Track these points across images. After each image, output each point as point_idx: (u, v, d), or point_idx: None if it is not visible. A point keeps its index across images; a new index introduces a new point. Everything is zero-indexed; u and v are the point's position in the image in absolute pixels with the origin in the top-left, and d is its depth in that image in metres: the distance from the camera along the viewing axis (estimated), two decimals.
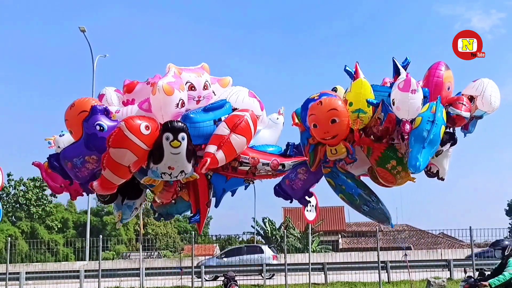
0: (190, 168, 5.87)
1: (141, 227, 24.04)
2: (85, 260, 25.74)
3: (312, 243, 34.04)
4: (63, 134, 6.69)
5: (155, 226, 44.48)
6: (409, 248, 30.70)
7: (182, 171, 5.84)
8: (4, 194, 40.96)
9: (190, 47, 70.79)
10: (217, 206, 6.88)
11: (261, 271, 19.04)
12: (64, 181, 6.70)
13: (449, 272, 18.61)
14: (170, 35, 76.38)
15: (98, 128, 5.76)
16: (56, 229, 42.64)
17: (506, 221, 55.76)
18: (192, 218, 6.77)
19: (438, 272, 19.24)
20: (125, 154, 5.55)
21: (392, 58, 6.88)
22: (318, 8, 77.80)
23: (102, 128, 5.76)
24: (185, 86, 5.87)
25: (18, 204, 42.29)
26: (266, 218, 42.18)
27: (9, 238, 21.29)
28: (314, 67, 75.65)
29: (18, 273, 18.77)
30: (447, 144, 6.66)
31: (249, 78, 62.77)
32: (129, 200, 6.79)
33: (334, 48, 76.92)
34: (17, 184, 42.68)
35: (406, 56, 6.91)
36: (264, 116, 6.68)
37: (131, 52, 72.53)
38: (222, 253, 22.87)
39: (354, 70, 6.80)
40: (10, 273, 18.26)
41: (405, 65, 6.80)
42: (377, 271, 17.78)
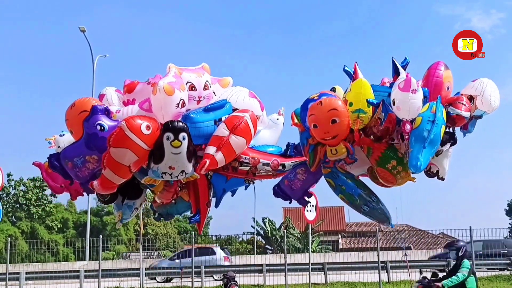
0: (191, 168, 5.87)
1: (141, 227, 24.06)
2: (85, 260, 25.77)
3: (312, 243, 34.05)
4: (64, 134, 6.69)
5: (155, 226, 44.48)
6: (409, 248, 30.78)
7: (183, 171, 5.84)
8: (4, 194, 40.96)
9: (190, 47, 70.84)
10: (217, 206, 6.88)
11: (261, 271, 19.06)
12: (65, 181, 6.70)
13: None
14: (170, 35, 76.46)
15: (99, 128, 5.76)
16: (56, 229, 42.65)
17: (506, 221, 55.92)
18: (192, 218, 6.77)
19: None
20: (126, 154, 5.56)
21: (392, 58, 6.88)
22: (318, 8, 77.88)
23: (103, 128, 5.76)
24: (186, 86, 5.87)
25: (18, 204, 42.29)
26: (266, 218, 42.26)
27: (9, 238, 21.31)
28: (314, 67, 75.73)
29: (18, 273, 18.75)
30: (447, 144, 6.65)
31: (249, 78, 62.88)
32: (129, 200, 6.79)
33: (334, 48, 76.99)
34: (17, 184, 42.68)
35: (405, 56, 6.92)
36: (264, 117, 6.67)
37: (131, 52, 72.61)
38: (174, 255, 23.12)
39: (353, 70, 6.80)
40: (10, 273, 18.25)
41: (404, 65, 6.80)
42: (377, 271, 17.78)
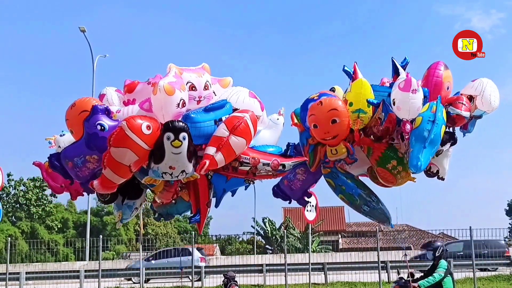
0: (191, 168, 5.86)
1: (141, 227, 24.00)
2: (85, 260, 25.77)
3: (312, 243, 34.05)
4: (64, 134, 6.70)
5: (155, 226, 44.46)
6: (409, 248, 30.73)
7: (183, 171, 5.84)
8: (4, 194, 40.95)
9: (190, 47, 70.88)
10: (217, 206, 6.88)
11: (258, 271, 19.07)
12: (65, 181, 6.71)
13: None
14: (170, 35, 76.46)
15: (99, 128, 5.76)
16: (56, 229, 42.63)
17: (506, 221, 56.05)
18: (192, 218, 6.77)
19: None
20: (126, 154, 5.56)
21: (391, 58, 6.88)
22: (318, 8, 77.91)
23: (103, 128, 5.76)
24: (186, 86, 5.87)
25: (18, 204, 42.28)
26: (266, 218, 42.27)
27: (9, 238, 21.29)
28: (314, 67, 75.70)
29: (18, 273, 18.76)
30: (447, 144, 6.66)
31: (249, 78, 62.85)
32: (129, 200, 6.79)
33: (334, 48, 77.01)
34: (17, 184, 42.67)
35: (405, 56, 6.93)
36: (265, 117, 6.67)
37: (131, 52, 72.62)
38: (151, 256, 23.19)
39: (353, 70, 6.81)
40: (10, 273, 18.25)
41: (404, 65, 6.80)
42: (377, 271, 17.78)
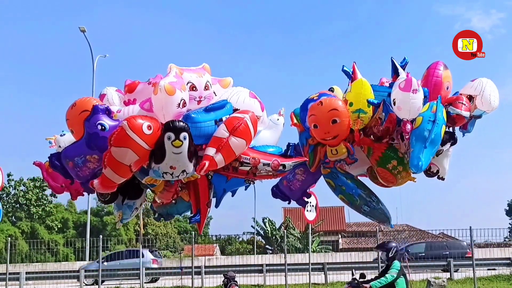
0: (192, 168, 5.86)
1: (141, 227, 24.06)
2: (85, 260, 25.76)
3: (312, 243, 34.04)
4: (64, 134, 6.70)
5: (155, 226, 44.43)
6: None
7: (184, 171, 5.84)
8: (4, 194, 40.94)
9: (190, 47, 70.82)
10: (217, 206, 6.89)
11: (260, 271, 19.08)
12: (65, 181, 6.71)
13: (449, 272, 18.62)
14: (170, 35, 76.40)
15: (100, 128, 5.76)
16: (56, 229, 42.60)
17: (506, 221, 56.00)
18: (193, 218, 6.77)
19: (438, 272, 19.27)
20: (127, 153, 5.56)
21: (391, 58, 6.89)
22: (318, 8, 77.85)
23: (104, 128, 5.76)
24: (187, 86, 5.88)
25: (18, 204, 42.27)
26: (266, 218, 42.23)
27: (9, 238, 21.32)
28: (314, 67, 75.63)
29: (18, 273, 18.79)
30: (447, 144, 6.67)
31: (249, 79, 62.76)
32: (130, 200, 6.80)
33: (334, 48, 76.93)
34: (17, 184, 42.65)
35: (404, 56, 6.94)
36: (265, 117, 6.68)
37: (131, 52, 72.48)
38: (103, 258, 23.26)
39: (352, 70, 6.81)
40: (10, 273, 18.27)
41: (404, 65, 6.81)
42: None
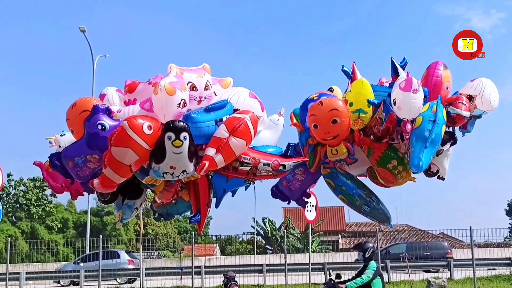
0: (192, 168, 5.86)
1: (141, 227, 24.02)
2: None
3: (312, 243, 34.03)
4: (64, 134, 6.71)
5: (155, 226, 44.45)
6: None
7: (184, 171, 5.85)
8: (4, 194, 40.96)
9: (190, 47, 70.87)
10: (218, 207, 6.90)
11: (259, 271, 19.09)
12: (65, 181, 6.72)
13: (449, 272, 18.62)
14: (170, 35, 76.46)
15: (100, 128, 5.77)
16: (56, 229, 42.63)
17: (506, 221, 56.02)
18: (193, 218, 6.77)
19: (438, 272, 19.27)
20: (127, 153, 5.56)
21: (391, 58, 6.88)
22: (318, 8, 77.90)
23: (104, 128, 5.77)
24: (187, 86, 5.88)
25: (18, 204, 42.29)
26: (266, 218, 42.22)
27: (9, 238, 21.30)
28: (314, 67, 75.69)
29: (18, 273, 18.78)
30: (447, 144, 6.67)
31: (250, 79, 62.83)
32: (130, 200, 6.80)
33: (334, 48, 77.00)
34: (17, 184, 42.67)
35: (404, 56, 6.94)
36: (265, 117, 6.68)
37: (131, 52, 72.58)
38: (78, 259, 23.24)
39: (351, 70, 6.81)
40: (10, 273, 18.26)
41: (403, 65, 6.81)
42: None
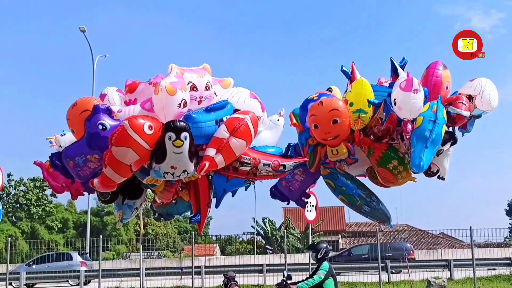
0: (193, 168, 5.86)
1: (141, 227, 24.05)
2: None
3: None
4: (65, 133, 6.71)
5: (155, 226, 44.49)
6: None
7: (185, 171, 5.85)
8: (4, 194, 40.99)
9: (190, 47, 70.93)
10: (218, 207, 6.90)
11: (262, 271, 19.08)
12: (66, 180, 6.72)
13: (450, 272, 18.62)
14: (170, 35, 76.52)
15: (101, 127, 5.77)
16: (56, 229, 42.68)
17: (506, 221, 56.08)
18: (193, 218, 6.78)
19: (438, 272, 19.27)
20: (127, 153, 5.55)
21: (390, 58, 6.88)
22: (318, 8, 77.94)
23: (105, 127, 5.77)
24: (187, 87, 5.87)
25: (18, 204, 42.32)
26: (266, 218, 42.25)
27: (9, 238, 21.31)
28: (314, 67, 75.73)
29: (18, 273, 18.78)
30: (448, 144, 6.66)
31: (249, 78, 62.82)
32: (130, 200, 6.79)
33: (334, 48, 77.02)
34: (17, 184, 42.71)
35: (404, 56, 6.93)
36: (265, 117, 6.68)
37: (131, 52, 72.73)
38: (31, 260, 23.22)
39: (351, 70, 6.80)
40: (10, 273, 18.27)
41: (403, 65, 6.80)
42: (377, 271, 17.78)
